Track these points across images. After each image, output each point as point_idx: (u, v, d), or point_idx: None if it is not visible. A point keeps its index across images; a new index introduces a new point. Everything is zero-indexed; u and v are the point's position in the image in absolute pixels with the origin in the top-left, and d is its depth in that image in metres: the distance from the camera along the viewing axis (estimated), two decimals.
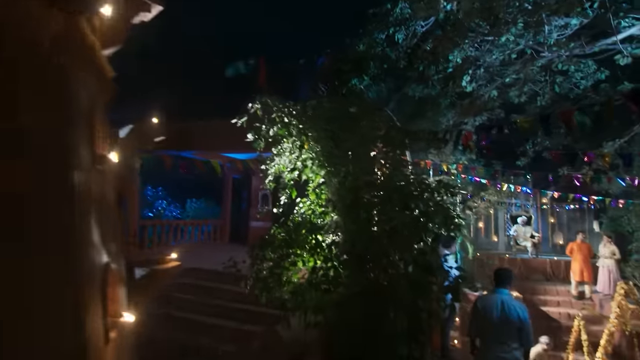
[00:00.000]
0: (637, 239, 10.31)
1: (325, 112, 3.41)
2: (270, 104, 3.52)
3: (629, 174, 9.68)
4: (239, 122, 3.59)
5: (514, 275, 11.47)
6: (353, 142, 3.29)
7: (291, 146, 3.53)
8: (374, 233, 3.15)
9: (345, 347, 3.37)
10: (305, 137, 3.44)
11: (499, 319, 3.43)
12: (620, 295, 5.35)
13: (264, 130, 3.54)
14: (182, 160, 6.74)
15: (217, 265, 4.20)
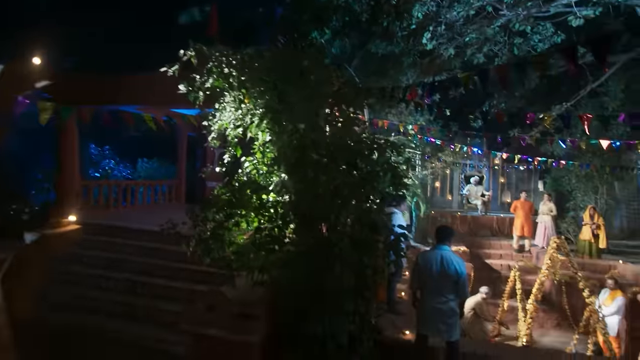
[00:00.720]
0: (574, 197, 11.16)
1: (266, 62, 3.15)
2: (206, 52, 3.19)
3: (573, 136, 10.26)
4: (170, 71, 3.24)
5: (465, 232, 12.19)
6: (299, 97, 3.10)
7: (233, 100, 3.27)
8: (319, 192, 3.07)
9: (291, 305, 3.39)
10: (246, 90, 3.19)
11: (438, 273, 3.58)
12: (552, 249, 5.82)
13: (199, 82, 3.23)
14: (110, 114, 6.12)
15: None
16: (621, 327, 7.05)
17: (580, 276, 5.78)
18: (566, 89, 11.01)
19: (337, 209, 3.08)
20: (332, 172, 3.12)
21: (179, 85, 3.27)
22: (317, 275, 3.32)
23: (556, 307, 8.51)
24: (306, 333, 3.33)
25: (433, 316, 3.66)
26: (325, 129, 3.59)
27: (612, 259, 9.24)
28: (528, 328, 5.62)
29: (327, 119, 3.45)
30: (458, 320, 3.65)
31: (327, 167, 3.13)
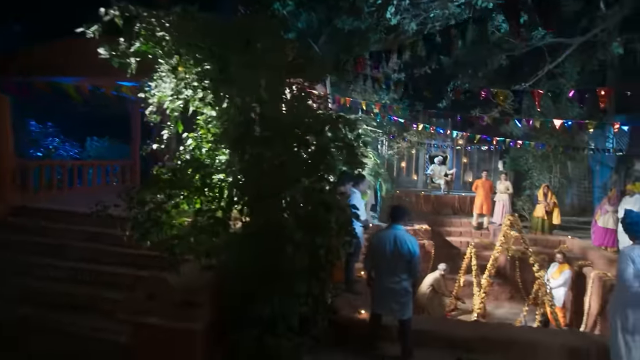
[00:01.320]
0: (530, 176, 11.61)
1: (200, 26, 2.83)
2: (133, 11, 2.81)
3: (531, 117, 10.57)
4: (89, 32, 2.84)
5: (428, 210, 12.41)
6: (242, 67, 2.83)
7: (169, 69, 2.95)
8: (264, 170, 2.87)
9: (239, 289, 3.23)
10: (179, 57, 2.87)
11: (391, 253, 3.53)
12: (506, 226, 6.00)
13: (123, 46, 2.87)
14: (17, 84, 5.45)
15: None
16: (567, 298, 7.50)
17: (531, 251, 6.02)
18: (527, 70, 11.27)
19: (284, 188, 2.89)
20: (278, 148, 2.91)
21: (99, 49, 2.89)
22: (267, 257, 3.17)
23: (510, 281, 8.92)
24: (254, 316, 3.20)
25: (386, 296, 3.63)
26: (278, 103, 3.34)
27: (563, 234, 9.76)
28: (481, 302, 5.82)
29: (278, 91, 3.20)
30: (411, 300, 3.65)
31: (273, 143, 2.92)
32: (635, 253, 3.25)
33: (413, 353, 3.73)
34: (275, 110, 3.22)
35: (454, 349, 3.93)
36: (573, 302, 7.76)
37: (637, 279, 3.22)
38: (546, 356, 3.82)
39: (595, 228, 8.44)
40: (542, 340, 3.86)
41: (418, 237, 9.66)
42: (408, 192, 13.16)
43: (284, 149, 2.95)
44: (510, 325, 4.07)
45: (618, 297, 3.41)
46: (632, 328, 3.26)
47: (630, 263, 3.25)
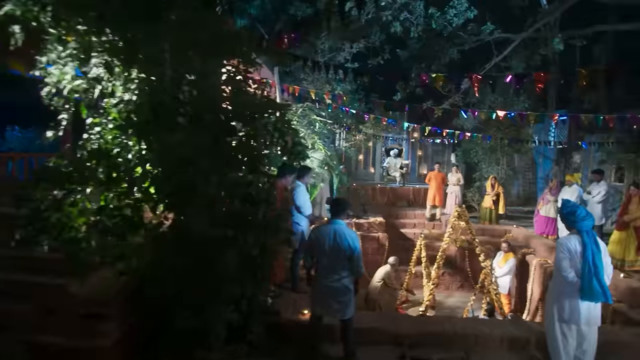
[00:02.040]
0: (480, 168, 11.99)
1: None
2: None
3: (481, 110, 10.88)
4: None
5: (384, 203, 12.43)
6: (150, 41, 2.43)
7: (57, 40, 2.47)
8: (179, 162, 2.50)
9: (159, 297, 2.84)
10: (66, 24, 2.40)
11: (330, 249, 3.30)
12: (454, 217, 6.02)
13: None
14: None
15: None
16: (512, 285, 7.76)
17: (477, 242, 6.09)
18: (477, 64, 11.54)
19: (202, 181, 2.53)
20: (196, 136, 2.54)
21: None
22: (189, 259, 2.80)
23: (460, 271, 9.13)
24: (177, 326, 2.83)
25: (326, 295, 3.40)
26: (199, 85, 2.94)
27: (508, 224, 10.15)
28: (431, 293, 5.82)
29: (198, 72, 2.82)
30: (352, 298, 3.44)
31: (190, 129, 2.55)
32: (572, 242, 3.25)
33: (357, 353, 3.54)
34: (198, 93, 2.83)
35: (399, 345, 3.81)
36: (518, 289, 8.05)
37: (573, 269, 3.22)
38: (488, 347, 3.79)
39: (537, 217, 8.81)
40: (484, 331, 3.83)
41: (373, 229, 9.64)
42: (364, 185, 13.14)
43: (203, 137, 2.58)
44: (454, 318, 4.02)
45: (555, 287, 3.42)
46: (568, 317, 3.27)
47: (567, 253, 3.25)
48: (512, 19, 9.79)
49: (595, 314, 3.27)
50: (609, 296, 3.15)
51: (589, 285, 3.14)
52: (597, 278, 3.15)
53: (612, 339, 3.67)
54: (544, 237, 8.42)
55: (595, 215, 7.03)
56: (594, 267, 3.17)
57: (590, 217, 3.28)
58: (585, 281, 3.15)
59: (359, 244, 3.37)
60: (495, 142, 10.55)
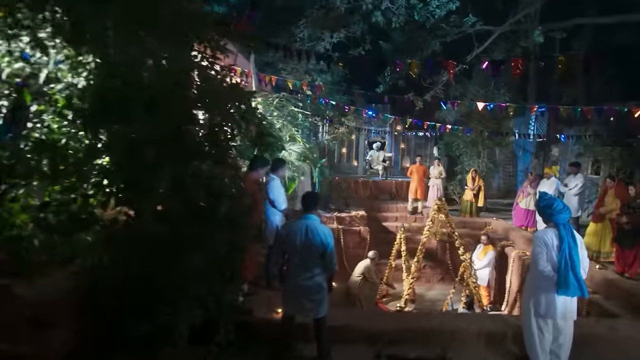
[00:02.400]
0: (462, 161, 12.02)
1: None
2: None
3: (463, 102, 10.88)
4: None
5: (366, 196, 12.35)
6: (97, 19, 2.19)
7: None
8: (131, 151, 2.28)
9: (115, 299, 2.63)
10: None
11: (302, 245, 3.14)
12: (433, 210, 5.95)
13: None
14: None
15: None
16: (491, 278, 7.80)
17: (457, 235, 6.05)
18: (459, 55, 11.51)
19: (157, 173, 2.32)
20: (152, 125, 2.33)
21: None
22: (145, 259, 2.59)
23: (441, 263, 9.14)
24: (136, 330, 2.63)
25: (298, 293, 3.25)
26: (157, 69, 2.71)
27: (489, 216, 10.22)
28: (410, 287, 5.76)
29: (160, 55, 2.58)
30: (325, 297, 3.30)
31: (145, 118, 2.33)
32: (549, 236, 3.18)
33: (331, 353, 3.41)
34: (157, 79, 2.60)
35: (374, 343, 3.70)
36: (497, 281, 8.11)
37: (550, 262, 3.16)
38: (465, 343, 3.72)
39: (516, 210, 8.87)
40: (461, 327, 3.76)
41: (354, 223, 9.55)
42: (347, 178, 13.04)
43: (160, 127, 2.37)
44: (431, 313, 3.95)
45: (531, 281, 3.36)
46: (545, 312, 3.21)
47: (544, 246, 3.18)
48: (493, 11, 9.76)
49: (572, 308, 3.22)
50: (585, 290, 3.10)
51: (565, 279, 3.08)
52: (573, 272, 3.10)
53: (588, 331, 3.65)
54: (523, 229, 8.49)
55: (572, 207, 7.10)
56: (570, 260, 3.11)
57: (567, 210, 3.22)
58: (562, 275, 3.09)
59: (332, 239, 3.22)
60: (476, 135, 10.57)
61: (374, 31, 10.26)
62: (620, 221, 5.84)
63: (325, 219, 9.56)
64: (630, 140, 9.74)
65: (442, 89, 9.56)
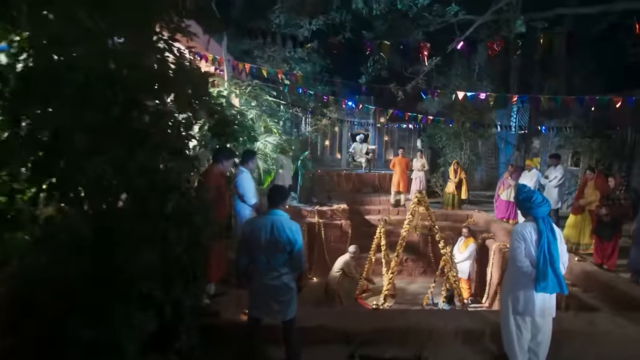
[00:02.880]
0: (444, 153, 11.94)
1: None
2: None
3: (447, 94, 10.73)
4: None
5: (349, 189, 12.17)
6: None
7: None
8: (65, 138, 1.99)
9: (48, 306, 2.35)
10: None
11: (267, 243, 2.91)
12: (413, 203, 5.80)
13: None
14: None
15: None
16: (472, 270, 7.76)
17: (437, 228, 5.92)
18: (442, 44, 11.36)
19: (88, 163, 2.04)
20: (87, 110, 2.04)
21: None
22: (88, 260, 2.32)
23: (422, 256, 9.07)
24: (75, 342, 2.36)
25: (264, 295, 3.02)
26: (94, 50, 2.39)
27: (471, 208, 10.18)
28: (389, 282, 5.62)
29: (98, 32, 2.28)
30: (294, 297, 3.08)
31: (77, 102, 2.04)
32: (528, 230, 3.03)
33: (300, 356, 3.21)
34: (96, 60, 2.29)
35: (349, 344, 3.52)
36: (478, 273, 8.07)
37: (528, 258, 3.01)
38: (442, 341, 3.58)
39: (498, 202, 8.83)
40: (438, 325, 3.61)
41: (336, 217, 9.36)
42: (330, 171, 12.82)
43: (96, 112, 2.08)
44: (408, 310, 3.79)
45: (510, 277, 3.21)
46: (523, 309, 3.08)
47: (522, 241, 3.03)
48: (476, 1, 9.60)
49: (550, 305, 3.09)
50: (565, 286, 2.97)
51: (543, 275, 2.94)
52: (552, 267, 2.96)
53: (567, 327, 3.55)
54: (504, 221, 8.47)
55: (551, 199, 7.07)
56: (549, 255, 2.97)
57: (546, 203, 3.07)
58: (540, 271, 2.95)
59: (300, 236, 2.99)
60: (458, 127, 10.47)
61: (355, 19, 9.98)
62: (600, 213, 5.80)
63: (306, 212, 9.36)
64: (610, 132, 9.80)
65: (424, 79, 9.39)
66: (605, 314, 4.13)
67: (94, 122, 2.06)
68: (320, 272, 8.40)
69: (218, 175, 3.52)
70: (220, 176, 3.56)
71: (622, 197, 5.79)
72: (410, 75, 9.76)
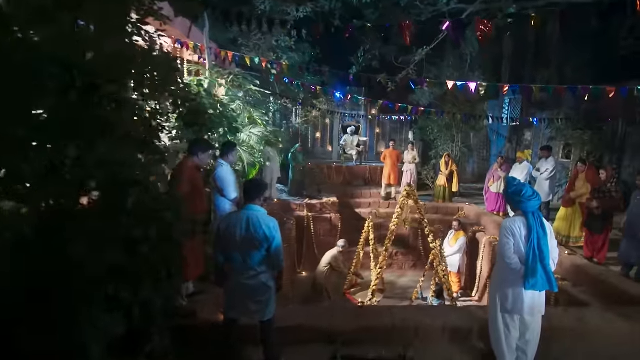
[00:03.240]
0: (436, 146, 11.82)
1: None
2: None
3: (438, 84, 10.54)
4: None
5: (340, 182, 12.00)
6: None
7: None
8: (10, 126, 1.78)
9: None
10: None
11: (242, 240, 2.73)
12: (402, 197, 5.66)
13: None
14: None
15: None
16: (462, 263, 7.68)
17: (427, 222, 5.79)
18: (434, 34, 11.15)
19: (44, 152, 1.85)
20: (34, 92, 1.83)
21: None
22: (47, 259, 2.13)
23: (413, 250, 8.98)
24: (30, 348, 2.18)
25: (241, 294, 2.86)
26: None
27: (462, 201, 10.10)
28: (377, 278, 5.49)
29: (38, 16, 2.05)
30: (273, 297, 2.92)
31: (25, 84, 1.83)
32: (517, 225, 2.89)
33: (280, 357, 3.07)
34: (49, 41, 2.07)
35: (332, 343, 3.38)
36: (468, 266, 8.00)
37: (517, 254, 2.88)
38: (429, 340, 3.46)
39: (488, 195, 8.74)
40: (425, 322, 3.49)
41: (326, 210, 9.21)
42: (320, 163, 12.64)
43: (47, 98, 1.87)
44: (395, 307, 3.65)
45: (498, 274, 3.08)
46: (512, 307, 2.95)
47: (511, 236, 2.89)
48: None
49: (540, 302, 2.98)
50: (555, 284, 2.84)
51: (533, 272, 2.81)
52: (542, 264, 2.83)
53: (556, 324, 3.45)
54: (495, 214, 8.39)
55: (543, 191, 7.00)
56: (539, 251, 2.84)
57: (537, 197, 2.93)
58: (530, 268, 2.82)
59: (278, 232, 2.82)
60: (450, 118, 10.32)
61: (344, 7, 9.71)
62: (591, 206, 5.72)
63: (296, 206, 9.20)
64: (601, 124, 9.74)
65: (415, 70, 9.20)
66: (595, 309, 4.04)
67: (45, 107, 1.84)
68: (309, 267, 8.27)
69: (192, 169, 3.32)
70: (195, 169, 3.35)
71: (614, 190, 5.70)
72: (401, 66, 9.55)
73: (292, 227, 8.13)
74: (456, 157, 10.83)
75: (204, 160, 3.42)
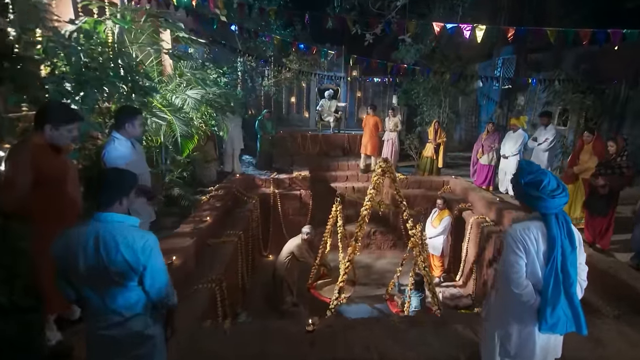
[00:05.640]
0: (421, 111, 10.67)
1: None
2: None
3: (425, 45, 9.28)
4: None
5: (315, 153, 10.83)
6: None
7: None
8: None
9: None
10: None
11: (89, 271, 1.66)
12: (376, 175, 4.63)
13: None
14: None
15: None
16: (446, 245, 6.83)
17: (405, 205, 4.80)
18: None
19: None
20: None
21: None
22: None
23: (392, 229, 8.11)
24: None
25: (101, 351, 1.81)
26: None
27: (448, 173, 9.14)
28: (345, 272, 4.58)
29: None
30: (159, 347, 1.89)
31: None
32: (531, 236, 1.88)
33: None
34: None
35: None
36: (452, 247, 7.18)
37: (531, 278, 1.89)
38: None
39: (477, 166, 7.81)
40: (392, 353, 2.54)
41: (295, 186, 8.14)
42: (294, 131, 11.41)
43: None
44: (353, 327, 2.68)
45: (500, 303, 2.11)
46: (516, 352, 2.01)
47: (522, 252, 1.88)
48: None
49: (556, 345, 2.04)
50: (584, 324, 1.88)
51: (553, 307, 1.84)
52: (567, 294, 1.86)
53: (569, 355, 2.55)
54: (483, 189, 7.50)
55: (541, 165, 6.08)
56: (563, 275, 1.86)
57: (564, 192, 1.90)
58: (549, 300, 1.84)
59: (155, 252, 1.73)
60: (437, 80, 9.10)
61: None
62: (596, 184, 4.81)
63: (261, 182, 8.10)
64: (603, 87, 8.71)
65: (397, 18, 7.86)
66: (610, 323, 3.19)
67: None
68: (276, 250, 7.30)
69: (42, 148, 2.14)
70: (50, 150, 2.17)
71: (624, 165, 4.75)
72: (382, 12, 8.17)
73: (255, 207, 7.09)
74: (443, 124, 9.73)
75: (65, 134, 2.22)
